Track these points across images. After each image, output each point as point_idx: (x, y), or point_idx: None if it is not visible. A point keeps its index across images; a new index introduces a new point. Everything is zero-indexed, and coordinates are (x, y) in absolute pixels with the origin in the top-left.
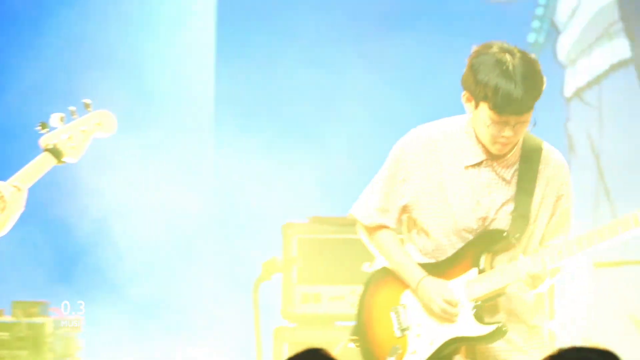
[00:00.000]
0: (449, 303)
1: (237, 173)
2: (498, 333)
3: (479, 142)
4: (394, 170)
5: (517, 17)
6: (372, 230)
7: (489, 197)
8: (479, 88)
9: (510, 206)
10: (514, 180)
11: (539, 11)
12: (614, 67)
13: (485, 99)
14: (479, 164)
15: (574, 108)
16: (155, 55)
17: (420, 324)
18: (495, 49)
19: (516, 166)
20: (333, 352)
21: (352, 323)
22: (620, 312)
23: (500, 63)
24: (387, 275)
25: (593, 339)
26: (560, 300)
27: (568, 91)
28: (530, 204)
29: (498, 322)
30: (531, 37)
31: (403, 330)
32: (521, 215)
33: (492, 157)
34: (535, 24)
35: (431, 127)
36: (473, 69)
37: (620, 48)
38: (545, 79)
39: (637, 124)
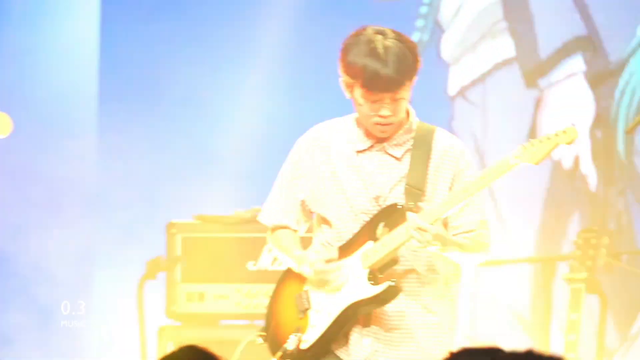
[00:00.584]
0: (329, 261)
1: (121, 171)
2: (391, 291)
3: (365, 128)
4: (290, 169)
5: (401, 16)
6: (274, 231)
7: (382, 176)
8: (349, 68)
9: (403, 182)
10: (406, 159)
11: (423, 10)
12: (498, 66)
13: (355, 78)
14: (369, 149)
15: (458, 107)
16: (38, 49)
17: (320, 302)
18: (368, 31)
19: (408, 146)
20: (212, 350)
21: (237, 322)
22: (503, 310)
23: (369, 42)
24: (292, 274)
25: (477, 338)
26: None
27: (452, 90)
28: (425, 178)
29: (390, 280)
30: (415, 36)
31: (305, 311)
32: (415, 188)
33: (382, 140)
34: (420, 22)
35: (325, 124)
36: (345, 51)
37: (504, 47)
38: (420, 59)
39: (521, 122)
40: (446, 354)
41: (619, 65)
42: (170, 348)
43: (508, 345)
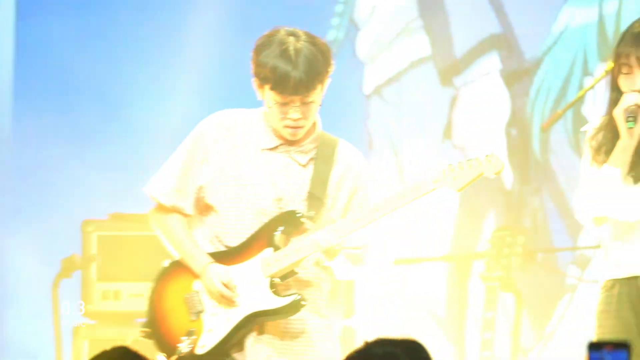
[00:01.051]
0: (227, 286)
1: (35, 168)
2: (295, 305)
3: (274, 127)
4: (193, 151)
5: (316, 14)
6: (166, 212)
7: (284, 179)
8: (260, 69)
9: (305, 189)
10: (310, 167)
11: (339, 8)
12: (414, 64)
13: (266, 80)
14: (275, 148)
15: (374, 105)
16: None
17: (215, 304)
18: (281, 33)
19: (312, 154)
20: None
21: None
22: (420, 308)
23: (281, 44)
24: (177, 267)
25: (391, 334)
26: (360, 297)
27: (367, 88)
28: (326, 189)
29: (295, 294)
30: (331, 35)
31: (198, 313)
32: (316, 197)
33: (289, 143)
34: (335, 21)
35: (232, 112)
36: (256, 52)
37: (420, 45)
38: (333, 62)
39: (437, 121)
40: (361, 344)
41: (535, 63)
42: (86, 347)
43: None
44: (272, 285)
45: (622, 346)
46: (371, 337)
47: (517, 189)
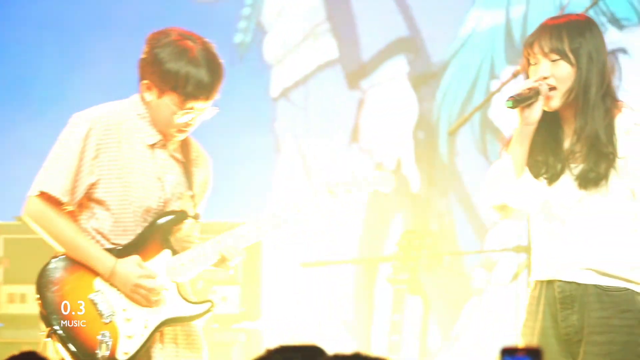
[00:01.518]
0: (149, 276)
1: None
2: (208, 312)
3: (154, 124)
4: (82, 147)
5: (223, 18)
6: (54, 209)
7: (169, 176)
8: (167, 78)
9: (186, 186)
10: (187, 165)
11: (246, 11)
12: (321, 67)
13: (175, 88)
14: (154, 145)
15: (281, 108)
16: None
17: (127, 308)
18: (174, 36)
19: (185, 153)
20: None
21: None
22: (327, 311)
23: (185, 51)
24: (71, 265)
25: (300, 339)
26: (267, 300)
27: (275, 91)
28: (196, 185)
29: (207, 301)
30: (238, 38)
31: (108, 316)
32: (195, 197)
33: (166, 139)
34: (242, 24)
35: (110, 107)
36: (158, 58)
37: (327, 48)
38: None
39: (344, 124)
40: (262, 353)
41: (442, 66)
42: None
43: (331, 346)
44: (180, 290)
45: (534, 352)
46: (277, 341)
47: (424, 192)
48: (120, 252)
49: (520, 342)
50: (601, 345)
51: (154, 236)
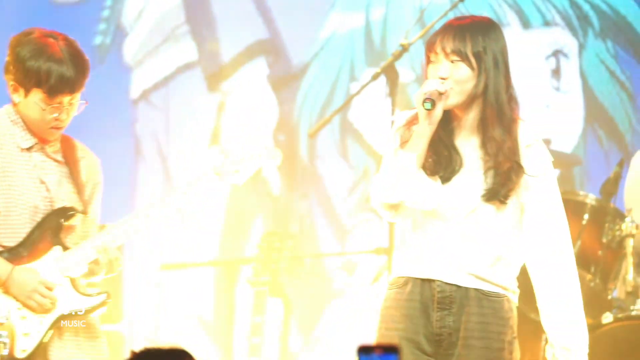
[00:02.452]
0: (49, 288)
1: None
2: (103, 303)
3: (28, 127)
4: None
5: (83, 20)
6: None
7: (47, 177)
8: (30, 75)
9: (69, 186)
10: (64, 162)
11: (105, 13)
12: (181, 70)
13: (38, 84)
14: (30, 149)
15: (141, 110)
16: None
17: (21, 306)
18: (36, 35)
19: (61, 152)
20: None
21: None
22: (187, 313)
23: (46, 47)
24: None
25: (161, 342)
26: (129, 303)
27: (135, 93)
28: (80, 183)
29: (103, 292)
30: (98, 40)
31: (4, 317)
32: (80, 194)
33: (42, 141)
34: (102, 26)
35: None
36: (19, 57)
37: (187, 50)
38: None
39: (204, 126)
40: (129, 354)
41: (302, 69)
42: None
43: (191, 349)
44: (74, 285)
45: (391, 349)
46: (138, 344)
47: (285, 194)
48: (11, 252)
49: (382, 338)
50: (478, 350)
51: (43, 234)
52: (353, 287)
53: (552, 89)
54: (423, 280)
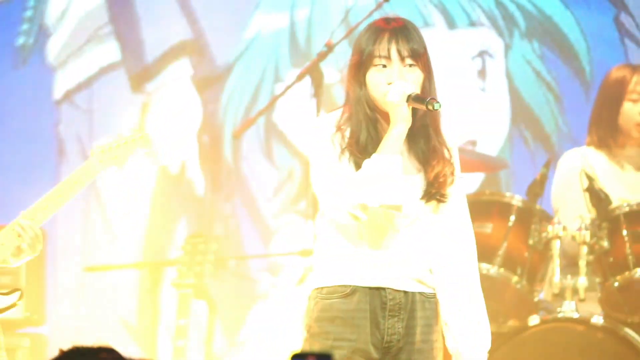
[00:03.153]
0: None
1: None
2: (19, 297)
3: None
4: None
5: (5, 20)
6: None
7: None
8: None
9: None
10: None
11: (28, 13)
12: (104, 70)
13: None
14: None
15: (65, 111)
16: None
17: None
18: None
19: None
20: None
21: None
22: (110, 315)
23: None
24: None
25: (84, 342)
26: (52, 305)
27: (58, 94)
28: None
29: (15, 290)
30: (20, 40)
31: None
32: None
33: None
34: (25, 26)
35: None
36: None
37: (110, 51)
38: None
39: (127, 126)
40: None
41: (226, 69)
42: None
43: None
44: None
45: (325, 357)
46: (62, 346)
47: (209, 195)
48: None
49: (318, 346)
50: (427, 352)
51: None
52: (278, 289)
53: (477, 89)
54: (372, 288)
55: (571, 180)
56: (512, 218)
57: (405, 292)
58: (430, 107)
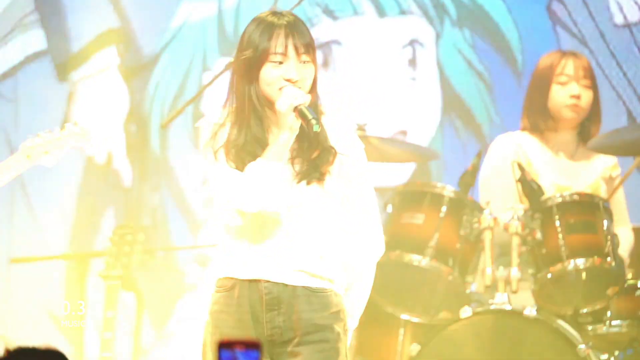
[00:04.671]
0: None
1: None
2: None
3: None
4: None
5: None
6: None
7: None
8: None
9: None
10: None
11: None
12: (30, 59)
13: None
14: None
15: None
16: None
17: None
18: None
19: None
20: None
21: None
22: (37, 307)
23: None
24: None
25: (10, 338)
26: None
27: None
28: None
29: None
30: None
31: None
32: None
33: None
34: None
35: None
36: None
37: (35, 39)
38: None
39: (54, 116)
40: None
41: (153, 58)
42: None
43: (43, 344)
44: None
45: (253, 345)
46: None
47: (137, 186)
48: None
49: (211, 339)
50: (313, 345)
51: None
52: (206, 280)
53: (408, 79)
54: (250, 281)
55: (503, 170)
56: (444, 209)
57: (286, 285)
58: (309, 128)
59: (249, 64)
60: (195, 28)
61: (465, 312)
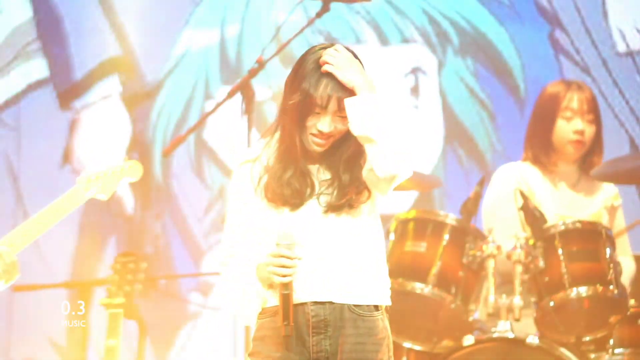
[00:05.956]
0: None
1: None
2: None
3: None
4: None
5: None
6: None
7: None
8: None
9: None
10: None
11: None
12: (32, 87)
13: None
14: None
15: None
16: None
17: None
18: None
19: None
20: None
21: None
22: (39, 334)
23: None
24: None
25: None
26: None
27: None
28: None
29: None
30: None
31: None
32: None
33: None
34: None
35: None
36: None
37: (38, 67)
38: None
39: (56, 144)
40: None
41: (155, 86)
42: None
43: None
44: None
45: None
46: None
47: (139, 214)
48: None
49: None
50: None
51: None
52: (209, 308)
53: (411, 107)
54: (295, 305)
55: (505, 198)
56: (446, 237)
57: (332, 308)
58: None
59: (298, 112)
60: (197, 56)
61: (468, 340)
